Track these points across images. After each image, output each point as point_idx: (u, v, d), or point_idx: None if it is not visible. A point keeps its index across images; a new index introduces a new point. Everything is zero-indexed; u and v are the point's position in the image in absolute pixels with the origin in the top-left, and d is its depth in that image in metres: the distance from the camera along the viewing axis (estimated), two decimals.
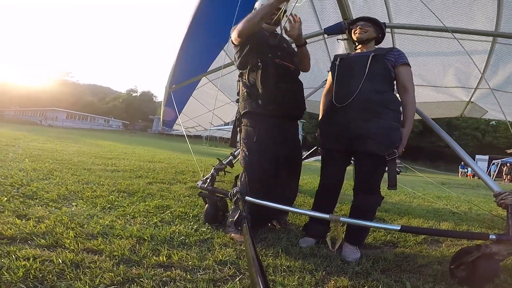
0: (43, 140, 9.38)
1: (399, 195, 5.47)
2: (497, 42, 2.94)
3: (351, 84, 2.05)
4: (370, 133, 1.94)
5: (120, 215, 2.28)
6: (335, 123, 2.12)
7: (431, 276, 1.72)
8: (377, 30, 2.18)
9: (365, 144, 1.95)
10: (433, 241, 2.50)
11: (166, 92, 4.22)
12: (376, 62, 2.03)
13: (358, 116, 1.99)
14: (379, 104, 1.98)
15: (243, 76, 2.24)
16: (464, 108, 4.44)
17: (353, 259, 1.88)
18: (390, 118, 1.97)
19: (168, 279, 1.40)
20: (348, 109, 2.02)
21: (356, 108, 1.99)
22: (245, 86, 2.22)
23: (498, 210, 3.23)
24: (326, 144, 2.19)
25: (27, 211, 2.06)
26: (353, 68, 2.11)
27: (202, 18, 3.18)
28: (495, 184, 1.89)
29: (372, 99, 1.98)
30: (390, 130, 1.96)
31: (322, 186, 2.26)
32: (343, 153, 2.13)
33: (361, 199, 2.08)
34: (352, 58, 2.19)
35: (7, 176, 3.06)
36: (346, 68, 2.15)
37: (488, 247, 1.56)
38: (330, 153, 2.19)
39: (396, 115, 2.02)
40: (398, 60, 2.06)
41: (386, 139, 1.93)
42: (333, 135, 2.12)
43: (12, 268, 1.28)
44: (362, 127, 1.97)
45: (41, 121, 40.40)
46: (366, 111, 1.97)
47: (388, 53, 2.08)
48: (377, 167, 2.01)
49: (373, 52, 2.09)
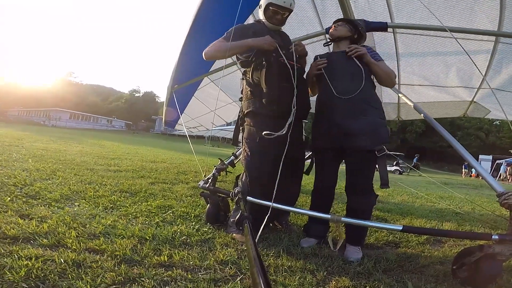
0: (46, 140, 9.43)
1: (401, 195, 5.45)
2: (500, 42, 2.92)
3: (338, 83, 2.09)
4: (358, 129, 1.98)
5: (122, 215, 2.29)
6: (324, 122, 2.15)
7: (433, 276, 1.72)
8: (352, 29, 2.24)
9: (356, 140, 1.98)
10: (436, 242, 2.49)
11: (168, 92, 4.22)
12: (354, 60, 2.08)
13: (346, 115, 2.02)
14: (365, 102, 2.04)
15: (247, 75, 2.23)
16: (467, 108, 4.42)
17: (356, 259, 1.88)
18: (375, 115, 2.05)
19: (169, 279, 1.40)
20: (336, 108, 2.06)
21: (344, 107, 2.03)
22: (249, 85, 2.22)
23: (501, 210, 3.21)
24: (320, 144, 2.19)
25: (30, 211, 2.08)
26: (335, 66, 2.16)
27: (204, 17, 3.17)
28: (498, 184, 1.87)
29: (360, 98, 2.02)
30: (377, 126, 2.02)
31: (318, 188, 2.25)
32: (335, 153, 2.15)
33: (355, 200, 2.08)
34: (334, 56, 2.24)
35: (10, 176, 3.08)
36: (329, 66, 2.18)
37: (490, 248, 1.56)
38: (324, 154, 2.19)
39: (380, 112, 2.10)
40: (374, 58, 2.14)
41: (374, 134, 1.99)
42: (324, 134, 2.14)
43: (15, 268, 1.29)
44: (350, 124, 2.00)
45: (44, 121, 40.65)
46: (354, 110, 2.02)
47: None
48: (368, 163, 2.01)
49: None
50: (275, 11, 2.19)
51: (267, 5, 2.18)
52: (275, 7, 2.17)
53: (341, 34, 2.23)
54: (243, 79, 2.31)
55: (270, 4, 2.17)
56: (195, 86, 4.76)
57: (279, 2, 2.15)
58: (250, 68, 2.18)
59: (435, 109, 4.60)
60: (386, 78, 2.16)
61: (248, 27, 2.29)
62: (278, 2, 2.15)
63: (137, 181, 3.87)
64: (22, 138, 8.96)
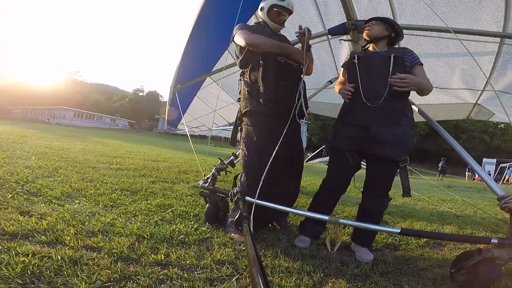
0: (50, 138, 9.50)
1: (403, 198, 5.41)
2: (504, 44, 2.89)
3: (375, 86, 2.02)
4: (390, 138, 1.95)
5: (122, 213, 2.30)
6: (352, 125, 2.08)
7: (430, 279, 1.70)
8: (388, 28, 2.14)
9: (384, 149, 1.95)
10: (435, 244, 2.47)
11: (171, 92, 4.24)
12: (396, 65, 2.00)
13: (379, 121, 1.97)
14: (400, 110, 2.01)
15: (245, 75, 2.26)
16: (470, 110, 4.38)
17: (370, 260, 1.91)
18: (407, 125, 2.02)
19: (165, 277, 1.41)
20: (369, 113, 1.99)
21: (378, 113, 1.97)
22: (246, 84, 2.23)
23: (503, 214, 3.18)
24: (339, 145, 2.14)
25: (30, 208, 2.09)
26: (374, 69, 2.07)
27: (206, 17, 3.19)
28: (499, 188, 1.86)
29: (395, 106, 1.99)
30: (407, 137, 1.99)
31: (326, 189, 2.22)
32: (354, 155, 2.10)
33: (372, 202, 2.09)
34: (371, 58, 2.13)
35: (13, 173, 3.10)
36: (367, 68, 2.09)
37: (489, 251, 1.54)
38: (341, 155, 2.13)
39: (412, 122, 2.07)
40: (414, 61, 2.07)
41: (403, 145, 1.97)
42: (348, 137, 2.08)
43: (11, 264, 1.30)
44: (382, 132, 1.96)
45: (49, 120, 40.98)
46: (388, 117, 1.97)
47: (404, 54, 2.07)
48: (392, 172, 2.03)
49: (392, 53, 2.05)
50: (279, 12, 2.27)
51: (271, 6, 2.26)
52: (278, 8, 2.26)
53: (378, 34, 2.12)
54: (241, 80, 2.33)
55: (274, 6, 2.25)
56: (197, 86, 4.78)
57: (282, 3, 2.24)
58: (248, 68, 2.20)
59: (438, 112, 4.57)
60: (425, 93, 2.07)
61: (253, 28, 2.31)
62: (281, 3, 2.24)
63: (138, 179, 3.89)
64: (26, 136, 9.04)
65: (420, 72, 2.06)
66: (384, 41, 2.16)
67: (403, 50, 2.14)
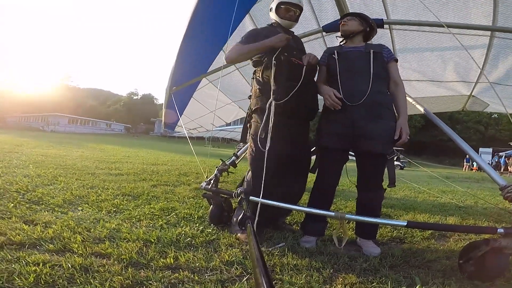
0: (46, 146, 9.43)
1: (403, 191, 5.46)
2: (495, 37, 2.92)
3: (357, 82, 2.03)
4: (376, 133, 1.97)
5: (126, 218, 2.29)
6: (336, 121, 2.08)
7: (440, 271, 1.71)
8: (363, 23, 2.18)
9: (371, 144, 1.97)
10: (441, 236, 2.49)
11: (166, 94, 4.21)
12: (376, 60, 2.04)
13: (363, 116, 1.98)
14: (382, 104, 2.03)
15: (257, 73, 2.28)
16: (465, 102, 4.42)
17: (378, 254, 1.92)
18: (390, 118, 2.04)
19: (177, 281, 1.40)
20: (353, 109, 2.00)
21: (362, 109, 1.98)
22: (258, 83, 2.25)
23: (504, 203, 3.22)
24: (327, 143, 2.13)
25: (34, 216, 2.08)
26: (354, 64, 2.09)
27: (200, 18, 3.17)
28: (500, 178, 1.88)
29: (378, 101, 2.01)
30: (391, 131, 2.01)
31: (320, 187, 2.21)
32: (342, 153, 2.14)
33: (368, 196, 2.12)
34: (350, 53, 2.14)
35: (12, 183, 3.08)
36: (346, 64, 2.10)
37: (496, 241, 1.55)
38: (329, 153, 2.15)
39: (393, 115, 2.09)
40: (390, 57, 2.12)
41: (389, 139, 2.00)
42: (335, 134, 2.08)
43: (23, 274, 1.29)
44: (367, 127, 1.97)
45: (43, 127, 40.64)
46: (372, 112, 1.99)
47: (382, 50, 2.10)
48: (381, 164, 2.05)
49: (371, 48, 2.09)
50: (287, 8, 2.29)
51: (278, 4, 2.29)
52: (285, 4, 2.28)
53: (354, 29, 2.15)
54: (253, 78, 2.35)
55: (281, 3, 2.28)
56: (193, 88, 4.75)
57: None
58: (261, 67, 2.22)
59: (434, 104, 4.60)
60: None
61: (259, 31, 2.35)
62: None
63: (139, 184, 3.87)
64: (21, 144, 8.96)
65: (394, 67, 2.13)
66: (360, 36, 2.19)
67: (380, 46, 2.16)
